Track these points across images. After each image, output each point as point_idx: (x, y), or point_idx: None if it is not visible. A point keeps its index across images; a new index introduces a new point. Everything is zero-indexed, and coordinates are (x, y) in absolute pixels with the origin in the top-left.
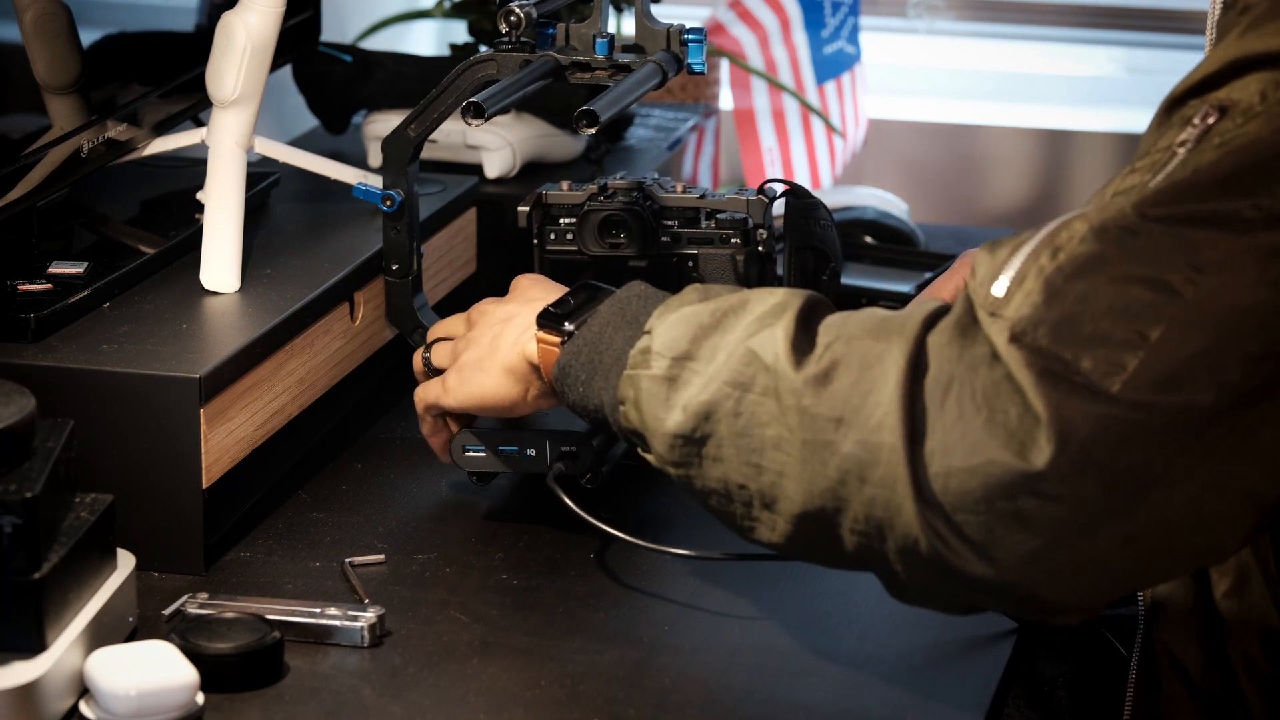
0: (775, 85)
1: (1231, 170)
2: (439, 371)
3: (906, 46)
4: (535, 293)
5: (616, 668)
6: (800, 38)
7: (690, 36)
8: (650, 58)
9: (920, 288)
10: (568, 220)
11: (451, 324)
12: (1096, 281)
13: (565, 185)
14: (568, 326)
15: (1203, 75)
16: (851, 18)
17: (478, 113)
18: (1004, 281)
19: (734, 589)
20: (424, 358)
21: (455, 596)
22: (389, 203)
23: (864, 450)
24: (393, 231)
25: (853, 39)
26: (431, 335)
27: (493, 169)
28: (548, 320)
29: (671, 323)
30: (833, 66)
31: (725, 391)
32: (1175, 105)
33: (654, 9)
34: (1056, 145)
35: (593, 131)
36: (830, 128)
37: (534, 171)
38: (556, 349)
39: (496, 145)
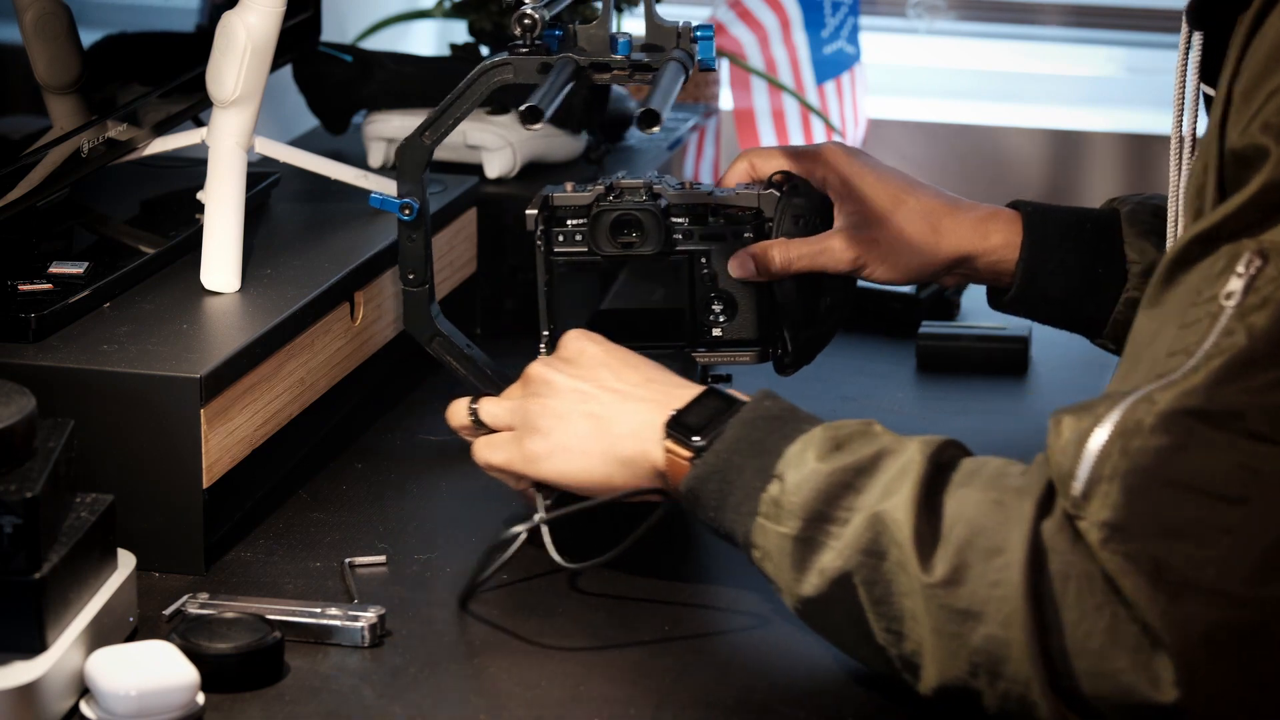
0: (775, 85)
1: None
2: (487, 429)
3: (906, 46)
4: (600, 361)
5: (616, 668)
6: (800, 38)
7: (700, 33)
8: (670, 55)
9: (921, 287)
10: (576, 222)
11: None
12: (1173, 474)
13: (570, 187)
14: (696, 441)
15: (1237, 209)
16: (851, 18)
17: (536, 116)
18: (1082, 478)
19: (735, 589)
20: (470, 409)
21: (455, 596)
22: (407, 211)
23: (993, 645)
24: (409, 240)
25: (852, 39)
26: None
27: (493, 169)
28: (677, 430)
29: (804, 476)
30: (833, 66)
31: (860, 560)
32: (1211, 241)
33: (663, 8)
34: (1056, 145)
35: (657, 130)
36: (830, 127)
37: (534, 171)
38: (686, 463)
39: (496, 145)
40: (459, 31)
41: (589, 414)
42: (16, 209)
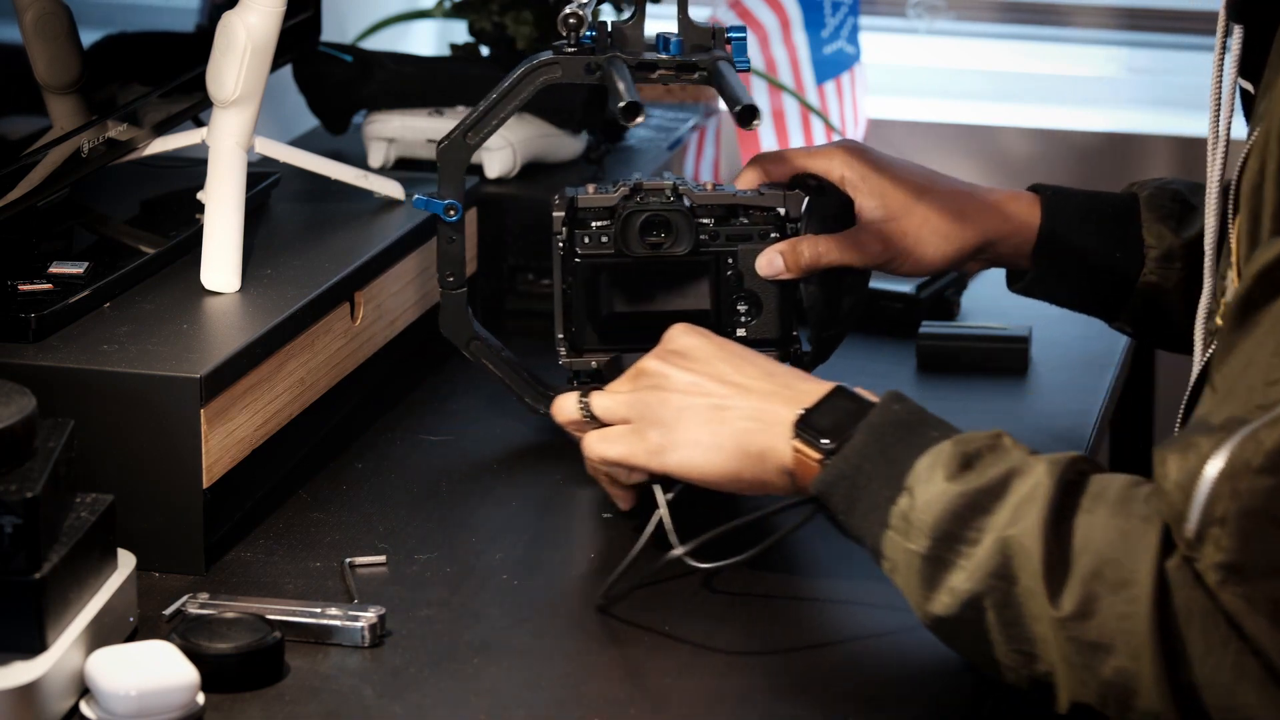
0: (775, 85)
1: None
2: (597, 423)
3: (906, 46)
4: (716, 355)
5: (616, 668)
6: (800, 38)
7: (734, 34)
8: (717, 54)
9: (921, 288)
10: (600, 223)
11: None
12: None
13: (591, 188)
14: (826, 444)
15: None
16: (851, 18)
17: (636, 112)
18: (1194, 520)
19: (736, 589)
20: (581, 402)
21: (455, 596)
22: (452, 212)
23: (1123, 677)
24: (449, 241)
25: (852, 39)
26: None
27: (493, 169)
28: (806, 431)
29: (933, 495)
30: (833, 66)
31: (991, 583)
32: None
33: (655, 8)
34: (1057, 145)
35: (759, 123)
36: (830, 127)
37: (534, 171)
38: (815, 465)
39: (497, 145)
40: (459, 31)
41: (714, 406)
42: (16, 209)
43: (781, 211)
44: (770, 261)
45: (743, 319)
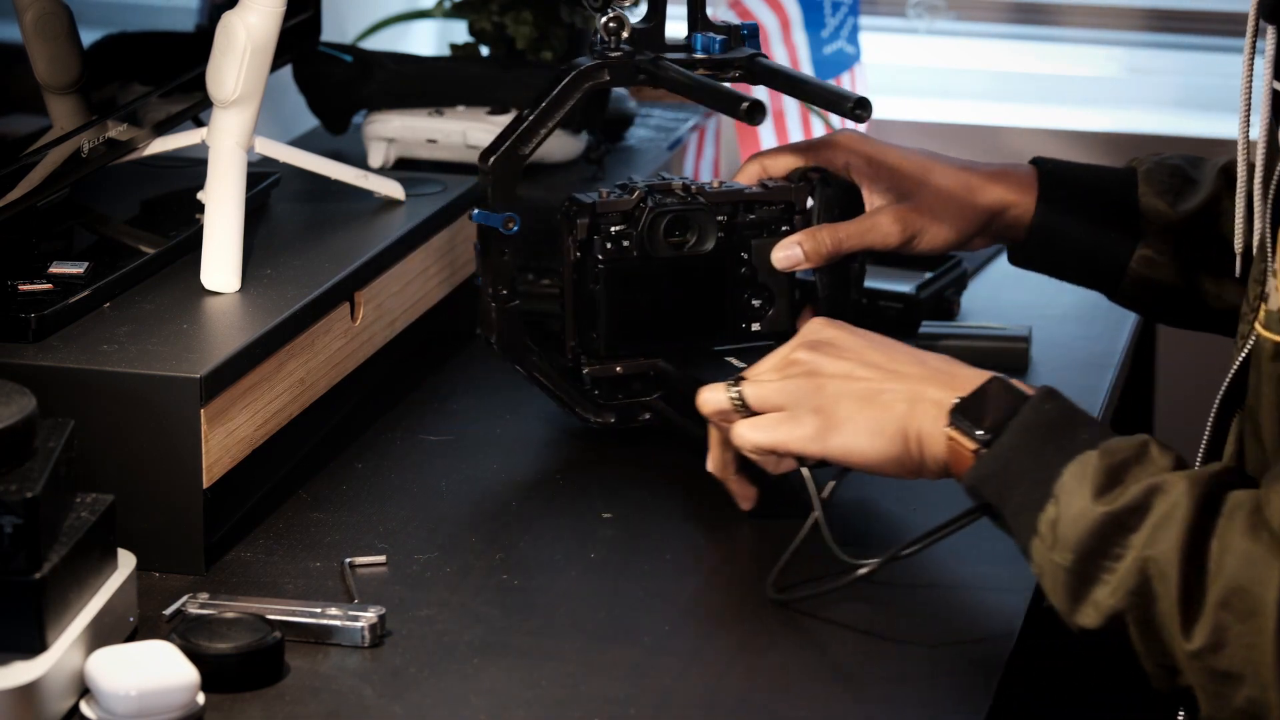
0: None
1: None
2: (747, 413)
3: (906, 46)
4: (864, 344)
5: (616, 668)
6: (800, 38)
7: (747, 31)
8: (746, 52)
9: (921, 288)
10: (618, 227)
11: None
12: None
13: (604, 193)
14: (980, 435)
15: None
16: (851, 18)
17: (761, 109)
18: None
19: (736, 589)
20: (734, 392)
21: (455, 596)
22: (511, 225)
23: (1254, 706)
24: (501, 255)
25: (853, 39)
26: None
27: None
28: (961, 420)
29: (1079, 511)
30: (833, 66)
31: (1132, 600)
32: None
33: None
34: (1057, 145)
35: (870, 117)
36: (829, 127)
37: (534, 171)
38: (969, 455)
39: None
40: (459, 31)
41: (871, 390)
42: (16, 209)
43: (798, 206)
44: (788, 254)
45: (757, 313)
